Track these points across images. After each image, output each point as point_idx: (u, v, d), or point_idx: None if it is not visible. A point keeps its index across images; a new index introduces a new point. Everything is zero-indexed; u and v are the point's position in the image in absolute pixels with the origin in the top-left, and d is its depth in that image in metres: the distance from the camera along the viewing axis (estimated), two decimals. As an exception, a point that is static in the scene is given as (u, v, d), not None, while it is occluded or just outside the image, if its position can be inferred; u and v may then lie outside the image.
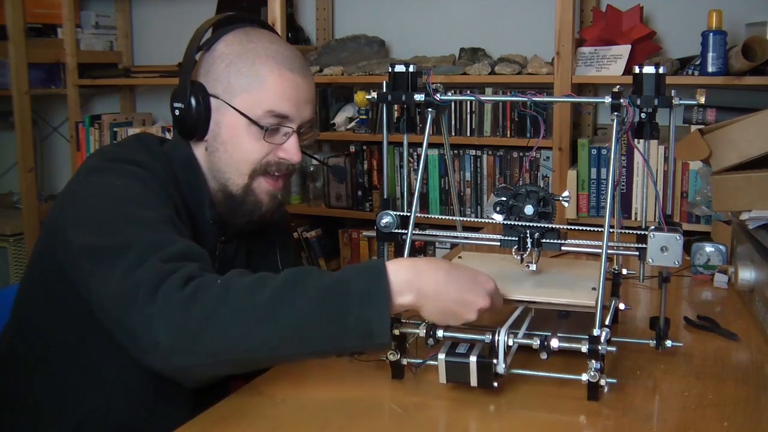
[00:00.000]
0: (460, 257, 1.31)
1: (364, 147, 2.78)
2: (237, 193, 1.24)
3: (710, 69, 2.22)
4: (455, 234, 1.21)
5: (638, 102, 1.06)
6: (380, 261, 1.01)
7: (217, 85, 1.22)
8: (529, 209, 1.10)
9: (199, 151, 1.26)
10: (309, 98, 1.25)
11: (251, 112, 1.20)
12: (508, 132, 2.56)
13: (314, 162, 2.87)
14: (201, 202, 1.25)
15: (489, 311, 1.04)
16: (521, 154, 2.57)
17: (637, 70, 1.07)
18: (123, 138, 1.28)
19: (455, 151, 2.64)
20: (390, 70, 1.16)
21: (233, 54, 1.22)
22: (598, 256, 1.05)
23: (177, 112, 1.23)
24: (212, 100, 1.22)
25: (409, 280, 1.00)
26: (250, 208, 1.25)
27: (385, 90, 1.16)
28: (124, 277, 1.00)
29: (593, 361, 1.00)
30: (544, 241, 1.10)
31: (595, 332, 1.00)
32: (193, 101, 1.21)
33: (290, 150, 1.23)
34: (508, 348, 1.05)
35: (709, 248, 1.60)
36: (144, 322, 0.97)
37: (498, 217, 1.12)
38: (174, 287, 0.97)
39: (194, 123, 1.22)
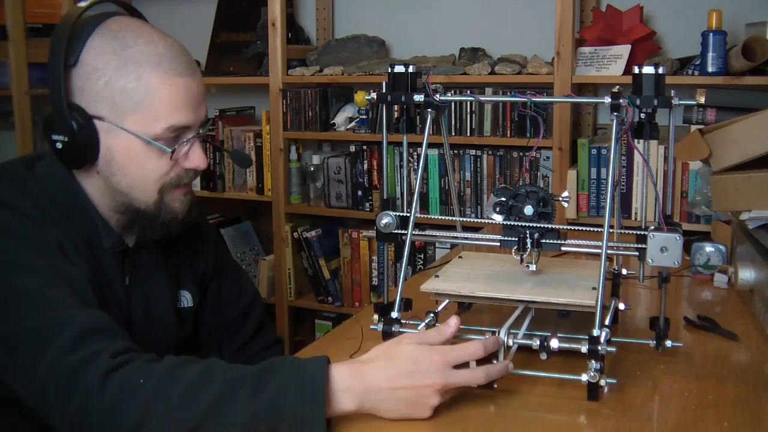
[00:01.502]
0: (460, 257, 1.31)
1: (364, 147, 2.78)
2: (147, 209, 1.15)
3: (710, 69, 2.22)
4: (455, 234, 1.21)
5: (638, 102, 1.06)
6: (321, 370, 0.94)
7: (100, 106, 1.09)
8: (528, 209, 1.10)
9: (85, 175, 1.14)
10: (202, 97, 1.16)
11: (148, 131, 1.09)
12: (508, 132, 2.56)
13: (314, 162, 2.87)
14: (92, 225, 1.15)
15: (448, 394, 0.99)
16: (521, 154, 2.57)
17: (636, 70, 1.07)
18: None
19: (455, 151, 2.64)
20: (389, 70, 1.16)
21: (110, 67, 1.08)
22: (598, 256, 1.05)
23: (59, 146, 1.09)
24: (97, 122, 1.09)
25: (351, 388, 0.94)
26: (167, 221, 1.17)
27: (384, 90, 1.16)
28: (27, 374, 0.95)
29: (593, 362, 1.00)
30: (543, 241, 1.10)
31: (595, 332, 1.00)
32: (75, 129, 1.07)
33: (195, 159, 1.15)
34: (507, 348, 1.05)
35: (709, 248, 1.60)
36: (62, 418, 0.94)
37: (498, 218, 1.12)
38: (91, 388, 0.91)
39: (81, 153, 1.09)
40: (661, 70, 1.06)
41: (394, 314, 1.10)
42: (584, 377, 1.00)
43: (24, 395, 0.98)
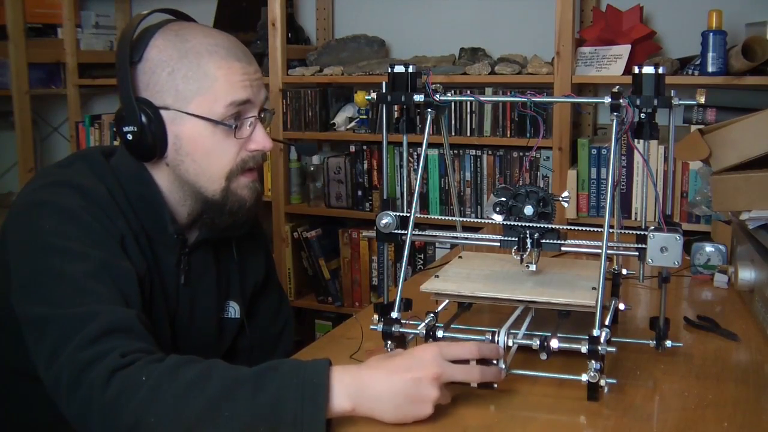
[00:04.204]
0: (460, 257, 1.31)
1: (364, 147, 2.78)
2: (215, 198, 1.17)
3: (710, 69, 2.22)
4: (455, 234, 1.21)
5: (638, 102, 1.06)
6: (322, 371, 0.94)
7: (165, 96, 1.14)
8: (528, 209, 1.10)
9: (155, 168, 1.18)
10: (260, 81, 1.20)
11: (212, 112, 1.14)
12: (508, 132, 2.56)
13: (314, 162, 2.87)
14: (159, 217, 1.18)
15: (447, 398, 0.99)
16: (521, 154, 2.57)
17: (636, 70, 1.07)
18: (65, 157, 1.23)
19: (455, 151, 2.64)
20: (389, 70, 1.16)
21: (173, 59, 1.14)
22: (598, 256, 1.05)
23: (129, 137, 1.13)
24: (163, 113, 1.14)
25: (349, 386, 0.94)
26: (235, 208, 1.19)
27: (384, 90, 1.16)
28: (48, 361, 0.98)
29: (593, 362, 1.00)
30: (543, 241, 1.10)
31: (595, 332, 1.00)
32: (144, 120, 1.12)
33: (259, 139, 1.18)
34: (508, 348, 1.05)
35: (709, 248, 1.60)
36: (70, 413, 0.96)
37: (498, 218, 1.12)
38: (96, 385, 0.93)
39: (151, 144, 1.14)
40: (661, 70, 1.06)
41: (394, 314, 1.10)
42: (584, 377, 1.00)
43: (42, 378, 1.01)
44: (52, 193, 1.11)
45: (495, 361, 1.02)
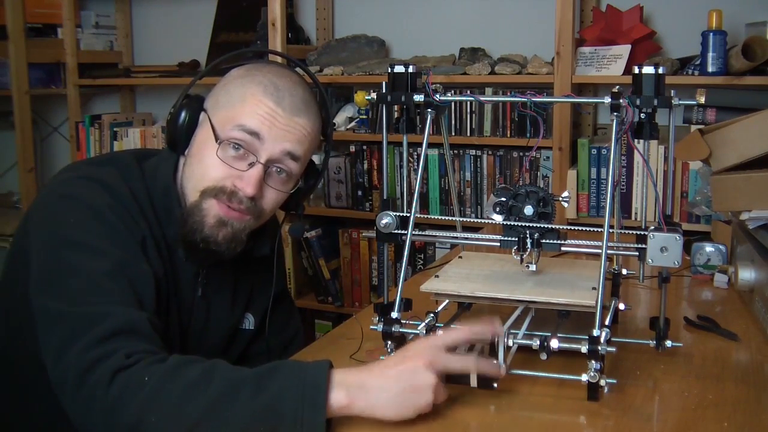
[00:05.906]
0: (460, 257, 1.31)
1: (364, 147, 2.78)
2: (188, 208, 1.17)
3: (710, 69, 2.22)
4: (455, 234, 1.21)
5: (638, 102, 1.06)
6: (322, 372, 0.94)
7: (210, 101, 1.21)
8: (528, 209, 1.11)
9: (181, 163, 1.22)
10: (289, 136, 1.17)
11: (222, 128, 1.16)
12: (508, 132, 2.56)
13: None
14: (176, 233, 1.18)
15: (444, 396, 1.00)
16: (521, 154, 2.57)
17: (636, 70, 1.07)
18: (97, 155, 1.25)
19: (455, 151, 2.64)
20: (389, 70, 1.16)
21: (233, 76, 1.21)
22: (598, 256, 1.05)
23: (168, 117, 1.21)
24: (202, 114, 1.20)
25: (349, 387, 0.94)
26: (193, 227, 1.16)
27: (384, 90, 1.16)
28: (55, 358, 0.99)
29: (593, 362, 1.00)
30: (543, 241, 1.10)
31: (595, 332, 1.00)
32: (183, 111, 1.20)
33: (247, 179, 1.15)
34: (508, 348, 1.05)
35: (709, 248, 1.60)
36: (73, 412, 0.97)
37: (498, 218, 1.12)
38: (99, 384, 0.93)
39: (176, 131, 1.19)
40: (661, 70, 1.06)
41: (394, 314, 1.10)
42: (584, 377, 1.00)
43: (49, 375, 1.01)
44: (81, 186, 1.13)
45: (494, 360, 1.02)
